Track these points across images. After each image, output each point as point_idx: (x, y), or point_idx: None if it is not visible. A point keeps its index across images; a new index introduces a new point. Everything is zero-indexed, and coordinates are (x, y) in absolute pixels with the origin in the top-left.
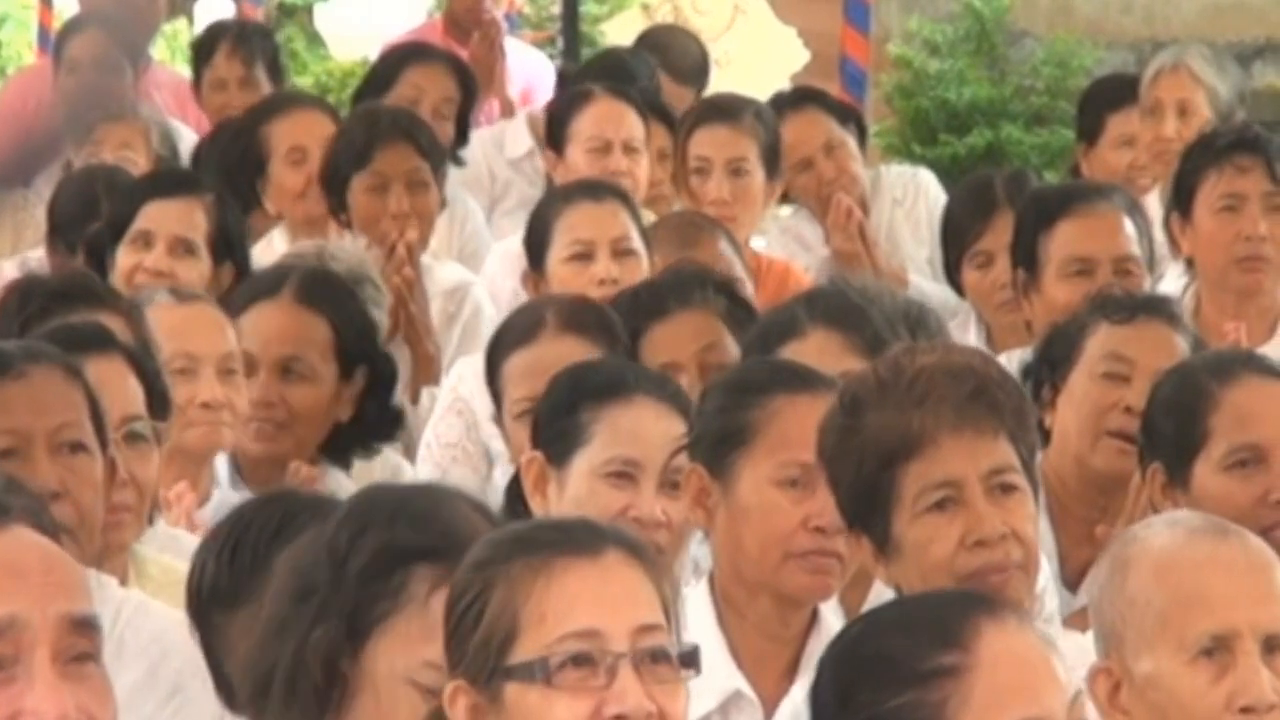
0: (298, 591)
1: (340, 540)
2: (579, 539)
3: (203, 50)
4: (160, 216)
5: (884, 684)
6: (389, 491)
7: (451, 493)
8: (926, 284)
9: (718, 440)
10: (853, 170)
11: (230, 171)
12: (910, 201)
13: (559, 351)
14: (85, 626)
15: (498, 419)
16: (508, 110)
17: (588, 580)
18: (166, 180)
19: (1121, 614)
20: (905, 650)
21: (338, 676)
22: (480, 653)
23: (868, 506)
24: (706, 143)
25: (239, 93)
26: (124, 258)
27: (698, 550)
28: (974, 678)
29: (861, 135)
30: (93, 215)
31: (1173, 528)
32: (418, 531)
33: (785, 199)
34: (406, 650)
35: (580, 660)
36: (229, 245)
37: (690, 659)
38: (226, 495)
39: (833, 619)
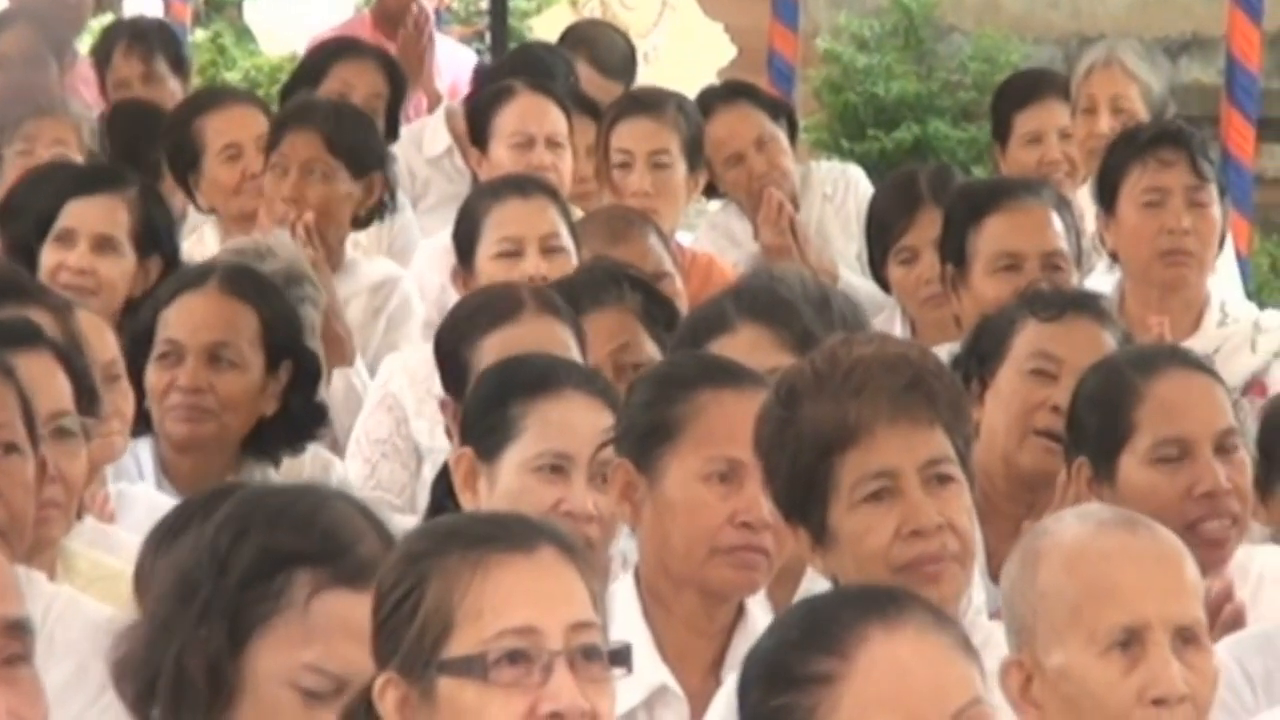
0: (180, 593)
1: (221, 542)
2: (514, 534)
3: (100, 54)
4: (82, 214)
5: (769, 684)
6: (271, 494)
7: (334, 495)
8: (856, 279)
9: (644, 435)
10: (783, 165)
11: (134, 147)
12: (840, 197)
13: (540, 332)
14: (17, 629)
15: (447, 403)
16: (435, 103)
17: (523, 576)
18: (88, 177)
19: (1033, 607)
20: (791, 653)
21: (221, 680)
22: (414, 646)
23: (804, 497)
24: (628, 135)
25: (143, 88)
26: (48, 256)
27: (626, 543)
28: (845, 686)
29: (792, 130)
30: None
31: (1083, 521)
32: (298, 535)
33: (714, 193)
34: (287, 653)
35: (516, 657)
36: (155, 238)
37: (622, 657)
38: (131, 488)
39: (760, 614)
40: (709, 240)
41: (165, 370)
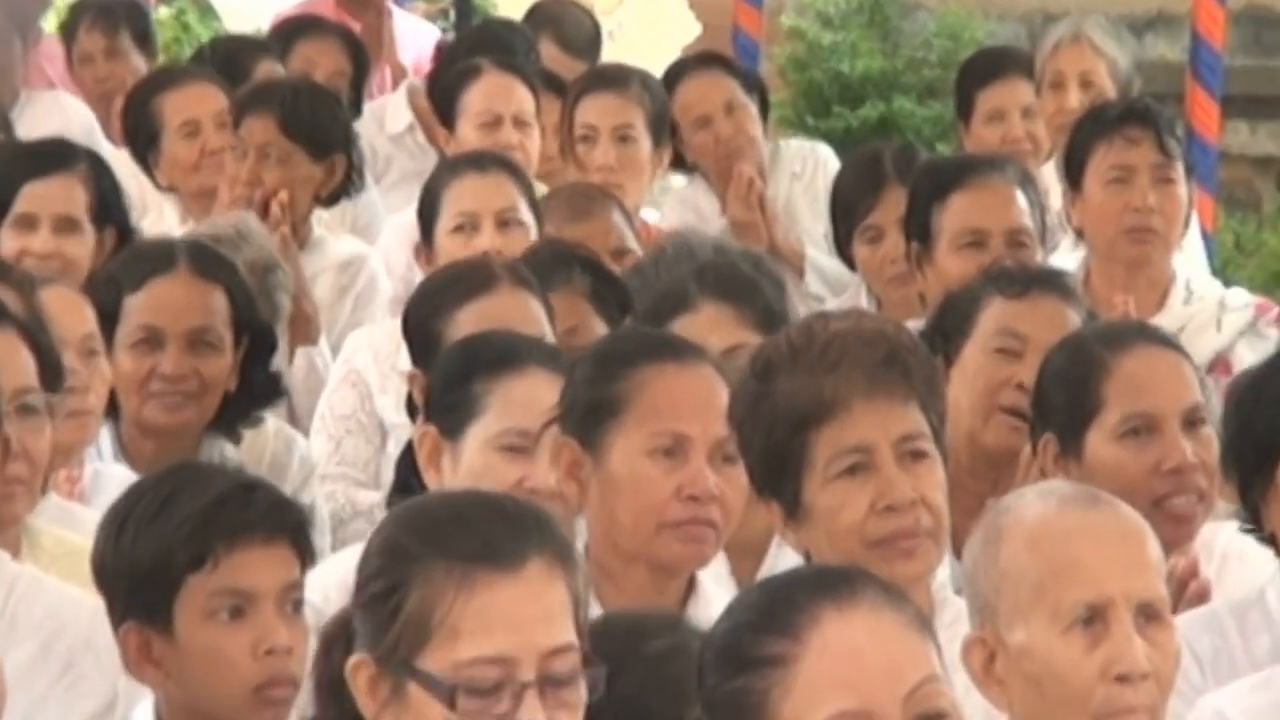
0: None
1: None
2: (500, 546)
3: (67, 31)
4: (40, 197)
5: (724, 668)
6: None
7: None
8: (823, 259)
9: (588, 412)
10: (752, 132)
11: None
12: (809, 176)
13: (513, 305)
14: None
15: (415, 375)
16: (400, 78)
17: (506, 600)
18: (42, 158)
19: (995, 585)
20: (744, 635)
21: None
22: (392, 644)
23: (778, 472)
24: (593, 110)
25: (106, 64)
26: (9, 241)
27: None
28: (799, 668)
29: (764, 107)
30: None
31: (1044, 498)
32: None
33: (681, 165)
34: None
35: (486, 687)
36: (108, 211)
37: (594, 678)
38: (108, 468)
39: (714, 588)
40: (676, 215)
41: (144, 357)
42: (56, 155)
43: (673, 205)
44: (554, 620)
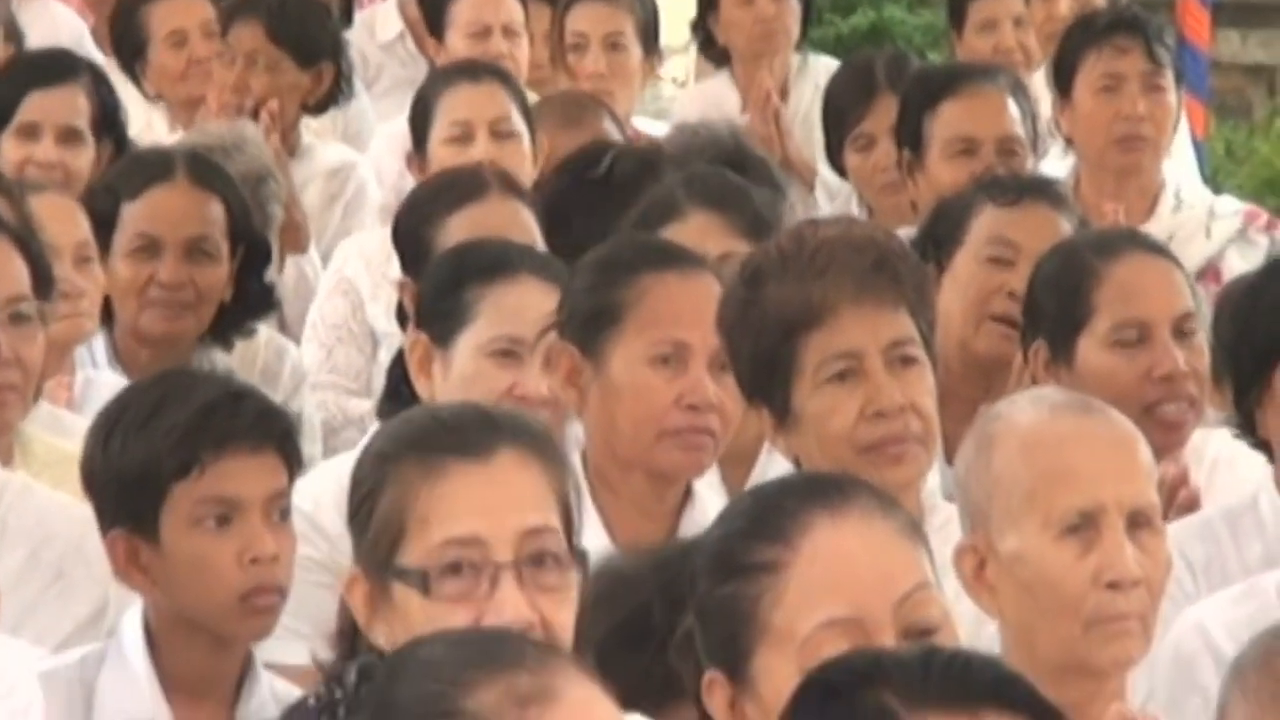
0: None
1: None
2: (471, 438)
3: None
4: (44, 107)
5: (716, 574)
6: None
7: None
8: (833, 175)
9: (588, 320)
10: (789, 25)
11: None
12: None
13: (504, 212)
14: None
15: (406, 283)
16: None
17: (474, 484)
18: (47, 68)
19: (987, 491)
20: (737, 542)
21: None
22: (372, 549)
23: (767, 378)
24: (583, 18)
25: None
26: (12, 150)
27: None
28: (790, 574)
29: (806, 12)
30: None
31: (1037, 404)
32: None
33: (708, 52)
34: None
35: (460, 570)
36: (109, 122)
37: (581, 560)
38: (100, 375)
39: (710, 496)
40: (696, 107)
41: (142, 264)
42: (60, 65)
43: (695, 95)
44: (527, 503)
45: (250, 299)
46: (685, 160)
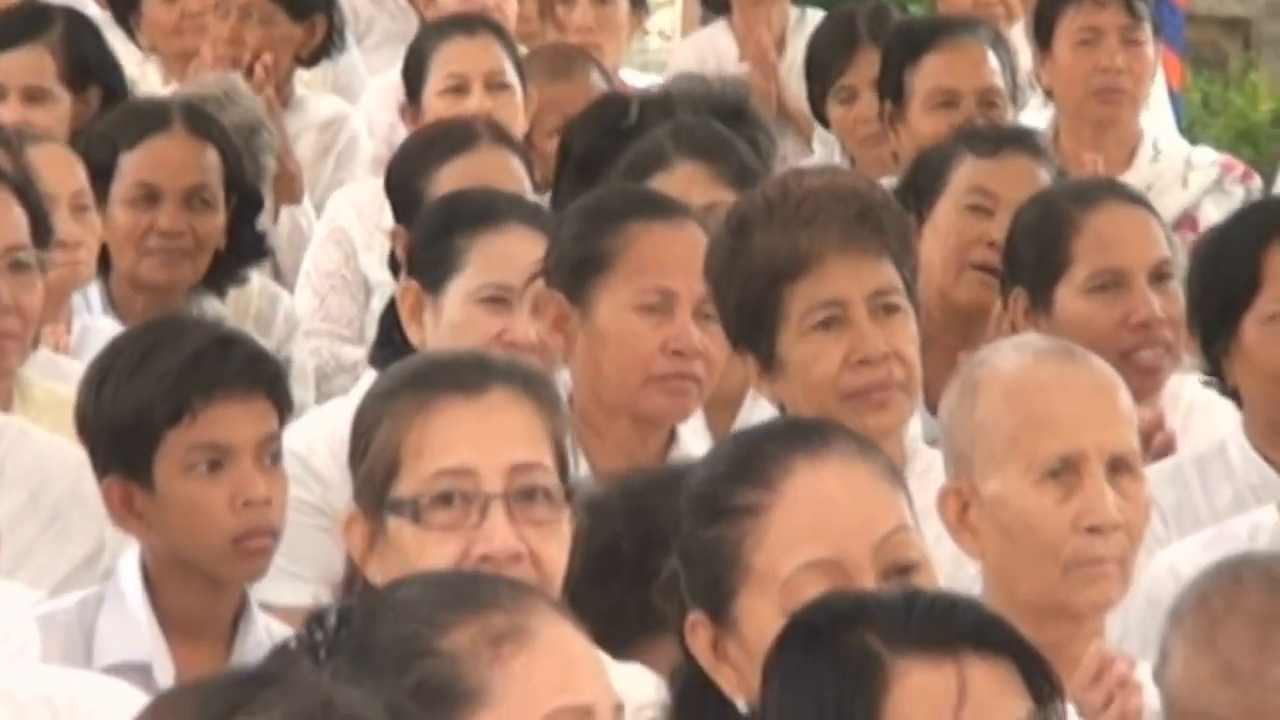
0: None
1: None
2: (465, 376)
3: None
4: (7, 69)
5: (699, 516)
6: None
7: None
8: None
9: (575, 267)
10: None
11: None
12: None
13: (494, 162)
14: None
15: (398, 231)
16: None
17: (466, 418)
18: (9, 29)
19: (970, 436)
20: (720, 486)
21: None
22: (367, 484)
23: (754, 325)
24: None
25: None
26: None
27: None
28: (772, 517)
29: None
30: None
31: (1020, 351)
32: None
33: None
34: None
35: (450, 499)
36: (88, 71)
37: (570, 496)
38: (97, 322)
39: (694, 440)
40: (694, 58)
41: (141, 213)
42: (25, 25)
43: (692, 44)
44: (518, 438)
45: (243, 247)
46: (695, 107)
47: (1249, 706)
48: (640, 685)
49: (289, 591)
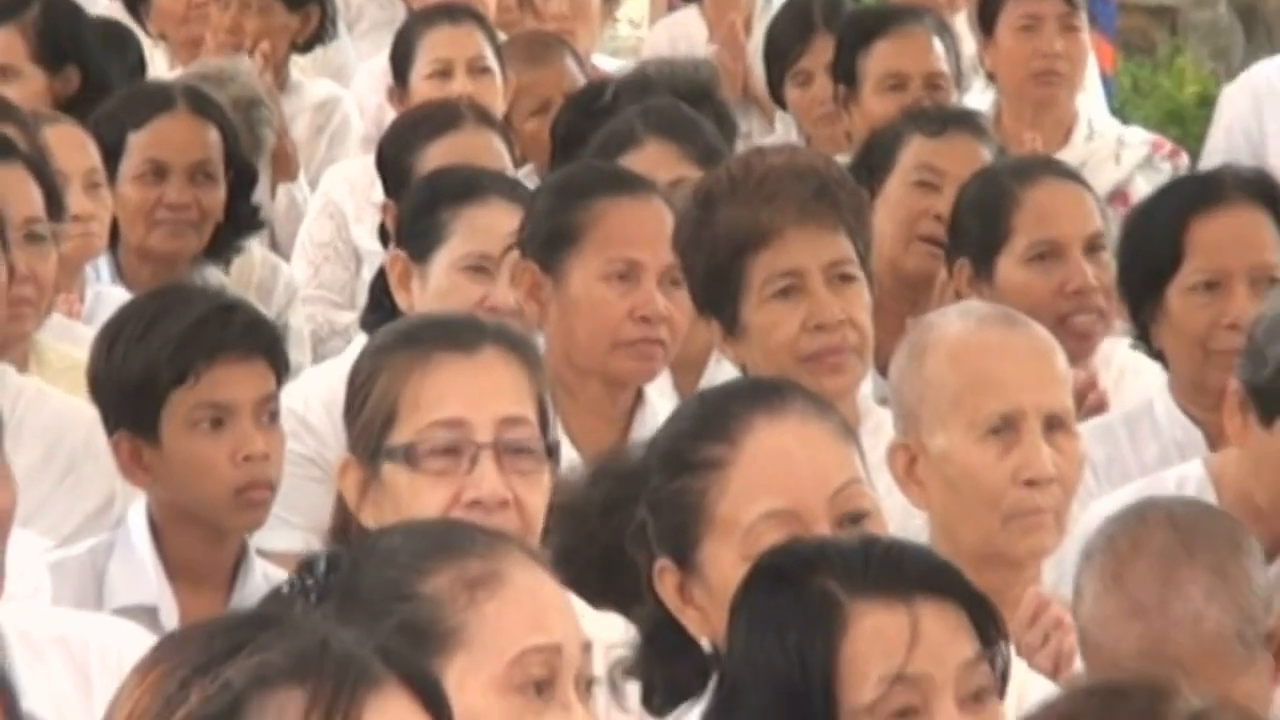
0: None
1: None
2: (459, 335)
3: None
4: None
5: (666, 470)
6: None
7: None
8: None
9: (548, 239)
10: None
11: None
12: None
13: (477, 141)
14: None
15: (388, 205)
16: None
17: (460, 373)
18: None
19: (918, 395)
20: (685, 441)
21: None
22: (364, 432)
23: (718, 293)
24: None
25: None
26: None
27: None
28: (733, 471)
29: None
30: None
31: (965, 317)
32: None
33: None
34: None
35: (445, 448)
36: (62, 52)
37: (552, 451)
38: (107, 290)
39: (660, 400)
40: (665, 39)
41: (150, 187)
42: (2, 7)
43: (663, 31)
44: (508, 394)
45: (240, 219)
46: (672, 89)
47: (1153, 640)
48: (611, 627)
49: (283, 538)
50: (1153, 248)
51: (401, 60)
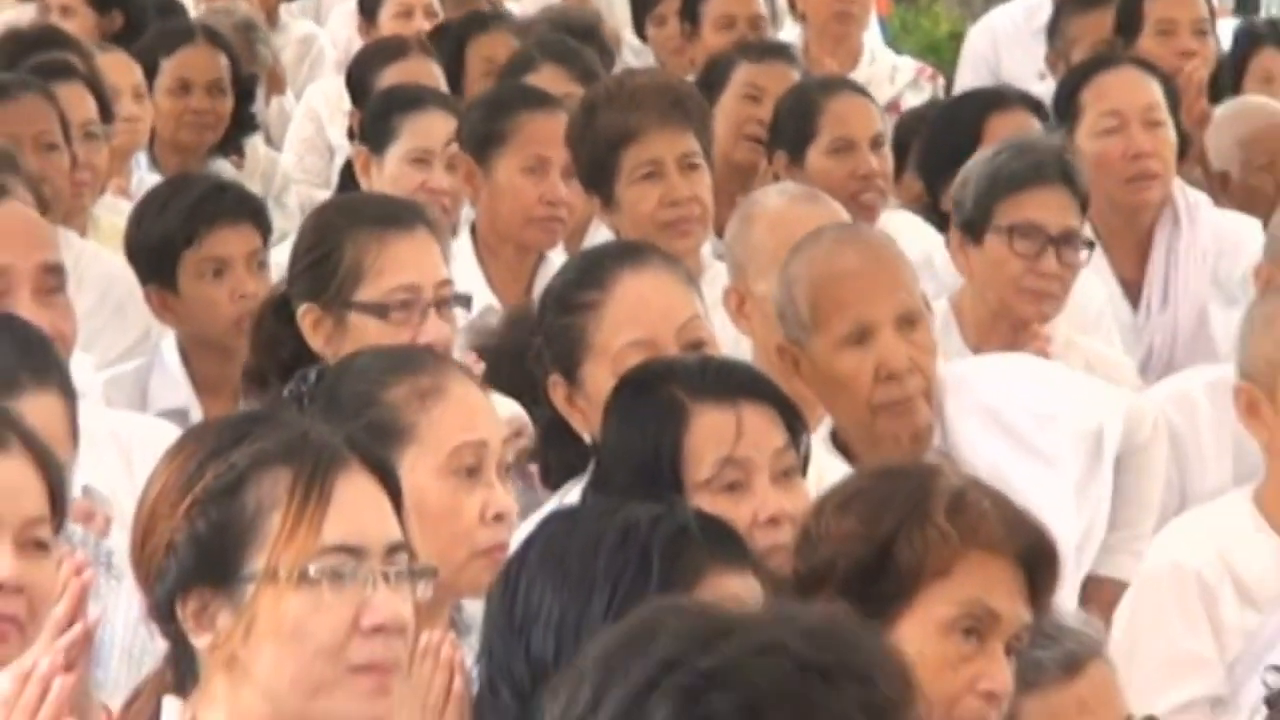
0: None
1: None
2: (400, 216)
3: None
4: None
5: (554, 310)
6: None
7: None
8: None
9: (480, 141)
10: None
11: None
12: None
13: (421, 67)
14: (55, 270)
15: (354, 112)
16: None
17: (411, 249)
18: None
19: (746, 252)
20: (568, 289)
21: None
22: (334, 291)
23: (599, 177)
24: None
25: None
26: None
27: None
28: (604, 311)
29: None
30: None
31: (781, 195)
32: None
33: None
34: None
35: (406, 304)
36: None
37: (465, 301)
38: (145, 176)
39: (556, 259)
40: None
41: (178, 99)
42: None
43: None
44: (440, 264)
45: (241, 122)
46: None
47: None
48: (512, 407)
49: None
50: (954, 137)
51: (370, 3)
